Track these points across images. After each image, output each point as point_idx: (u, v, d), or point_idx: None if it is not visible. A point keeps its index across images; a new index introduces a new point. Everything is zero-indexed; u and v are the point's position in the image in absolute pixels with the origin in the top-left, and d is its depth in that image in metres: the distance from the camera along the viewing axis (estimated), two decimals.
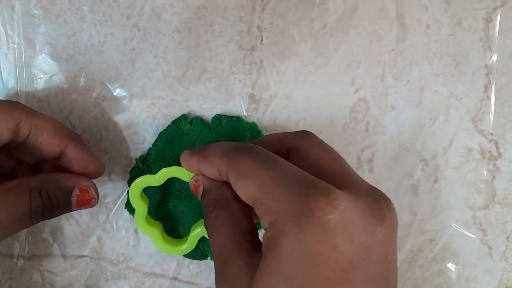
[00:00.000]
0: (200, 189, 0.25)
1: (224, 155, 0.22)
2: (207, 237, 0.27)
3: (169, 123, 0.29)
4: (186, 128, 0.29)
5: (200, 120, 0.29)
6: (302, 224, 0.18)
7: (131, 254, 0.31)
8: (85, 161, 0.26)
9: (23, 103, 0.29)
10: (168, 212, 0.30)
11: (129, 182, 0.29)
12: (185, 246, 0.28)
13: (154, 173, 0.27)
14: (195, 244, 0.28)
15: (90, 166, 0.26)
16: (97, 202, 0.26)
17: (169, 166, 0.27)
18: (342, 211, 0.18)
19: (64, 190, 0.24)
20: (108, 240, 0.31)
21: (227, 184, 0.23)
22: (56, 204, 0.24)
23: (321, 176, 0.20)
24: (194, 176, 0.25)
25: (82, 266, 0.31)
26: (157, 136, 0.29)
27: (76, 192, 0.25)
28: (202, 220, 0.29)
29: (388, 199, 0.20)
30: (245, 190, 0.20)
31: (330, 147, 0.23)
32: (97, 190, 0.26)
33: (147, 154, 0.29)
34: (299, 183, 0.19)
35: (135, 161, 0.30)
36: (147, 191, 0.29)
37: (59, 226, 0.30)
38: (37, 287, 0.31)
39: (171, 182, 0.29)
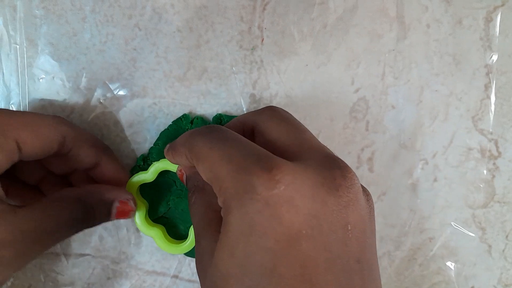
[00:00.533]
0: (184, 178, 0.26)
1: (185, 142, 0.22)
2: None
3: (170, 123, 0.29)
4: (187, 127, 0.29)
5: (201, 119, 0.30)
6: (245, 201, 0.18)
7: (133, 253, 0.31)
8: (116, 172, 0.27)
9: (26, 103, 0.29)
10: (169, 210, 0.30)
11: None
12: (187, 243, 0.29)
13: None
14: None
15: (121, 178, 0.27)
16: (135, 214, 0.27)
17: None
18: (287, 184, 0.18)
19: (105, 201, 0.25)
20: (110, 239, 0.31)
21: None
22: (97, 214, 0.25)
23: (276, 149, 0.20)
24: (178, 165, 0.26)
25: (84, 264, 0.31)
26: (158, 135, 0.30)
27: (116, 204, 0.25)
28: None
29: (345, 166, 0.20)
30: (202, 172, 0.21)
31: (290, 119, 0.23)
32: (135, 202, 0.27)
33: (148, 153, 0.29)
34: (243, 159, 0.19)
35: (136, 160, 0.30)
36: (148, 190, 0.29)
37: None
38: (39, 285, 0.31)
39: (171, 181, 0.29)
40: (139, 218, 0.28)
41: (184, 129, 0.29)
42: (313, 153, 0.20)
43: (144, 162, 0.29)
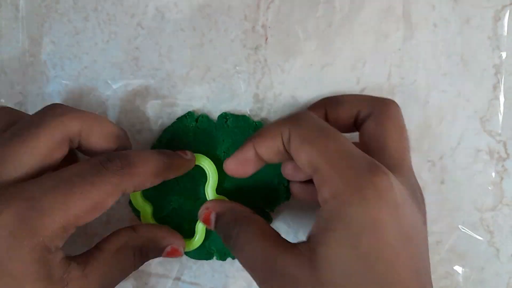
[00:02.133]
0: (213, 216, 0.25)
1: (285, 122, 0.23)
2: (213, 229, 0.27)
3: (175, 120, 0.29)
4: (191, 125, 0.29)
5: (206, 118, 0.29)
6: (368, 196, 0.19)
7: None
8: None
9: (28, 102, 0.29)
10: (173, 210, 0.29)
11: None
12: (196, 239, 0.29)
13: None
14: (204, 234, 0.29)
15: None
16: (182, 255, 0.27)
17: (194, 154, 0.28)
18: (397, 191, 0.20)
19: (160, 248, 0.26)
20: None
21: (240, 204, 0.25)
22: (150, 258, 0.26)
23: (381, 154, 0.23)
24: (202, 205, 0.26)
25: None
26: (160, 135, 0.29)
27: (168, 249, 0.26)
28: None
29: (422, 194, 0.24)
30: (307, 156, 0.21)
31: (402, 125, 0.25)
32: (184, 246, 0.27)
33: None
34: (363, 160, 0.21)
35: None
36: (151, 191, 0.29)
37: None
38: None
39: (174, 181, 0.29)
40: (144, 219, 0.28)
41: (188, 126, 0.29)
42: (407, 172, 0.23)
43: None
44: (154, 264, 0.31)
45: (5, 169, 0.21)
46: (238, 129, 0.29)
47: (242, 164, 0.25)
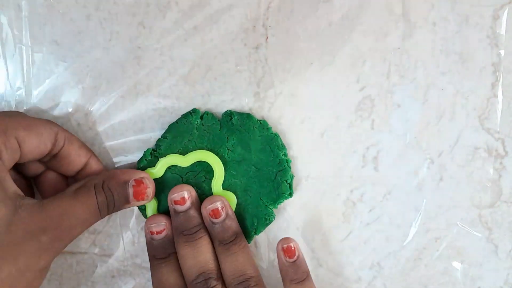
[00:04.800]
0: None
1: None
2: None
3: (180, 116, 0.29)
4: (196, 122, 0.29)
5: (211, 115, 0.29)
6: None
7: (137, 251, 0.31)
8: (102, 170, 0.29)
9: (31, 102, 0.30)
10: None
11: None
12: None
13: None
14: None
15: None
16: (153, 195, 0.28)
17: (197, 150, 0.29)
18: None
19: (122, 183, 0.27)
20: (114, 237, 0.31)
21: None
22: (117, 198, 0.26)
23: None
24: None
25: (89, 263, 0.31)
26: (161, 134, 0.30)
27: (132, 183, 0.27)
28: None
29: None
30: None
31: None
32: (152, 182, 0.28)
33: (156, 145, 0.29)
34: None
35: (143, 153, 0.30)
36: (156, 185, 0.29)
37: None
38: (44, 284, 0.31)
39: (178, 176, 0.29)
40: (151, 212, 0.29)
41: (193, 123, 0.29)
42: None
43: (151, 155, 0.29)
44: None
45: None
46: (243, 126, 0.29)
47: None
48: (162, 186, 0.29)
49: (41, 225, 0.23)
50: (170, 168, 0.29)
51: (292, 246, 0.28)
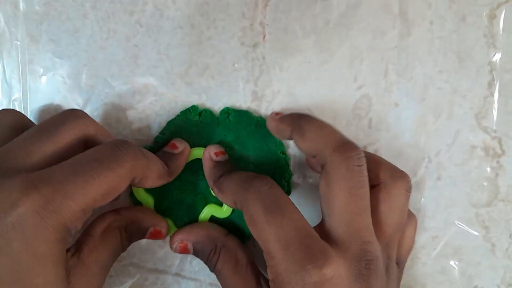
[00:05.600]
0: (190, 246, 0.28)
1: (240, 190, 0.24)
2: (216, 216, 0.29)
3: (178, 113, 0.29)
4: (195, 119, 0.29)
5: (209, 112, 0.29)
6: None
7: (134, 251, 0.31)
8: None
9: (27, 100, 0.29)
10: (173, 203, 0.30)
11: None
12: None
13: None
14: None
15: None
16: (165, 237, 0.28)
17: (194, 147, 0.29)
18: (331, 277, 0.21)
19: (143, 230, 0.27)
20: None
21: (210, 230, 0.28)
22: (134, 239, 0.27)
23: (327, 223, 0.24)
24: (173, 235, 0.28)
25: None
26: (159, 133, 0.29)
27: (151, 230, 0.28)
28: (208, 205, 0.29)
29: (371, 260, 0.22)
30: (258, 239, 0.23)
31: (353, 185, 0.23)
32: (168, 229, 0.29)
33: (154, 142, 0.29)
34: (299, 249, 0.22)
35: None
36: None
37: None
38: None
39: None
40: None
41: (192, 120, 0.29)
42: (350, 245, 0.23)
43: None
44: (154, 260, 0.31)
45: (31, 159, 0.22)
46: (240, 124, 0.29)
47: None
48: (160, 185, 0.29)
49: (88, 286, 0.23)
50: None
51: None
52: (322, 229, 0.24)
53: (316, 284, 0.21)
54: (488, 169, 0.32)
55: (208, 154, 0.28)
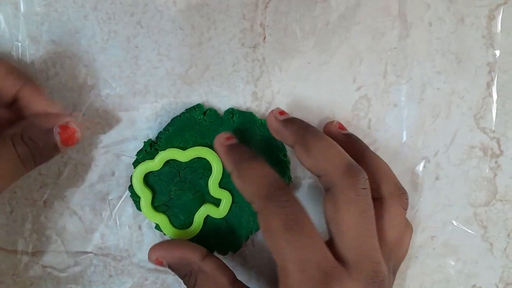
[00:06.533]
0: (165, 264, 0.27)
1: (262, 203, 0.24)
2: (212, 216, 0.29)
3: (183, 110, 0.30)
4: (199, 118, 0.29)
5: (214, 112, 0.30)
6: None
7: (135, 250, 0.31)
8: (42, 104, 0.25)
9: None
10: (171, 200, 0.30)
11: (134, 164, 0.29)
12: (193, 228, 0.29)
13: None
14: (201, 224, 0.29)
15: (49, 109, 0.25)
16: (81, 136, 0.25)
17: (197, 146, 0.29)
18: None
19: (45, 131, 0.24)
20: (112, 237, 0.31)
21: (187, 248, 0.27)
22: (43, 147, 0.24)
23: (337, 244, 0.23)
24: (150, 254, 0.27)
25: (86, 262, 0.31)
26: (159, 133, 0.30)
27: (57, 130, 0.24)
28: (205, 205, 0.30)
29: (382, 280, 0.23)
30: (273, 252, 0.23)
31: (364, 208, 0.24)
32: (78, 123, 0.25)
33: (157, 138, 0.29)
34: (316, 273, 0.22)
35: (143, 144, 0.30)
36: (152, 178, 0.29)
37: (62, 222, 0.31)
38: (41, 283, 0.31)
39: (176, 171, 0.29)
40: (145, 205, 0.29)
41: (196, 118, 0.29)
42: (361, 267, 0.23)
43: (151, 147, 0.29)
44: None
45: None
46: (243, 125, 0.29)
47: None
48: (159, 179, 0.29)
49: None
50: (168, 162, 0.29)
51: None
52: (333, 249, 0.23)
53: None
54: (487, 169, 0.32)
55: (219, 142, 0.27)
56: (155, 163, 0.29)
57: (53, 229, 0.31)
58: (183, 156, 0.29)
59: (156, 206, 0.30)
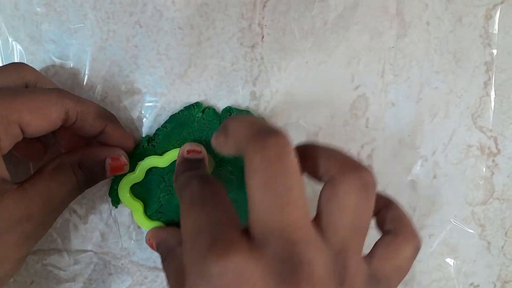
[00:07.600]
0: (154, 245, 0.29)
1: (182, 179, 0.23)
2: None
3: (182, 108, 0.30)
4: (197, 115, 0.29)
5: (212, 110, 0.30)
6: (198, 278, 0.18)
7: (134, 249, 0.31)
8: (121, 138, 0.29)
9: None
10: (162, 206, 0.30)
11: (132, 159, 0.29)
12: None
13: (159, 154, 0.29)
14: None
15: (125, 142, 0.29)
16: (128, 168, 0.29)
17: (174, 149, 0.29)
18: (238, 272, 0.18)
19: (99, 161, 0.27)
20: (111, 235, 0.31)
21: (172, 233, 0.29)
22: (95, 174, 0.27)
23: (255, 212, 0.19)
24: (146, 235, 0.29)
25: (86, 260, 0.31)
26: (158, 132, 0.30)
27: (108, 161, 0.27)
28: None
29: (300, 263, 0.18)
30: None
31: (360, 211, 0.21)
32: (127, 157, 0.29)
33: (155, 134, 0.30)
34: (206, 237, 0.19)
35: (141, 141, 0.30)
36: (139, 189, 0.29)
37: (63, 221, 0.31)
38: (41, 282, 0.31)
39: (160, 177, 0.29)
40: (137, 216, 0.29)
41: (194, 116, 0.29)
42: (273, 240, 0.19)
43: (148, 143, 0.29)
44: (153, 258, 0.32)
45: None
46: None
47: None
48: (146, 189, 0.29)
49: (27, 212, 0.23)
50: (150, 170, 0.29)
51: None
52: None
53: (217, 277, 0.17)
54: (484, 168, 0.32)
55: (181, 150, 0.27)
56: (136, 175, 0.29)
57: (53, 228, 0.31)
58: (162, 161, 0.29)
59: (149, 215, 0.30)
